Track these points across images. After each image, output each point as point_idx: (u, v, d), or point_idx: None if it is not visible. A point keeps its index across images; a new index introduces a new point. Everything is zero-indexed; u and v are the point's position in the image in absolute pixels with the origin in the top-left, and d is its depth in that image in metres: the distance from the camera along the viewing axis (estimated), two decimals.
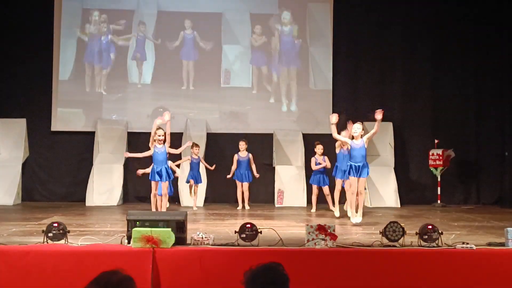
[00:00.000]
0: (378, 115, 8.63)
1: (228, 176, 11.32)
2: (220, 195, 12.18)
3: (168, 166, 9.00)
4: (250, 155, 11.41)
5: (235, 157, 11.43)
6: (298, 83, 12.79)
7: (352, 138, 8.97)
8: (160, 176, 8.79)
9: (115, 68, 12.68)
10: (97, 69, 12.60)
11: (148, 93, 12.69)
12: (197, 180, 11.13)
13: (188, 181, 11.09)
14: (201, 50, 12.77)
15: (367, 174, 8.79)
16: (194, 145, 11.20)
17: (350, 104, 12.77)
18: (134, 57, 12.71)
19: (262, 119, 12.65)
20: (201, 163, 11.25)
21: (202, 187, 11.61)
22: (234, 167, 11.35)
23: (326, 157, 10.79)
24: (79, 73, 12.59)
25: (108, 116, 12.56)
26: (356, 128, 8.88)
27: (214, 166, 11.35)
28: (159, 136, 8.83)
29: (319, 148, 10.84)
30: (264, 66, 12.83)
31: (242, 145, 11.44)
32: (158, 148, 8.83)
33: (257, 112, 12.72)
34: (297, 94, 12.76)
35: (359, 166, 8.65)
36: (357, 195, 8.75)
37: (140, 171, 9.85)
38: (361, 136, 8.87)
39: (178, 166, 10.89)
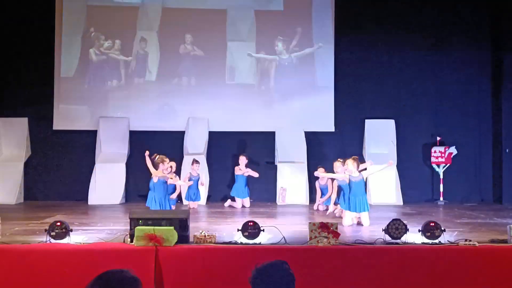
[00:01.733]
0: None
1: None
2: (222, 193, 12.17)
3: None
4: (249, 171, 11.46)
5: (238, 171, 11.47)
6: (302, 80, 12.78)
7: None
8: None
9: (121, 66, 12.66)
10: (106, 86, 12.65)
11: (153, 90, 12.66)
12: (195, 198, 11.06)
13: (187, 198, 11.05)
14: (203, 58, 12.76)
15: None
16: (194, 161, 11.14)
17: (351, 102, 12.76)
18: (136, 74, 12.67)
19: (264, 117, 12.64)
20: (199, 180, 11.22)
21: (205, 186, 11.59)
22: (240, 172, 11.36)
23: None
24: (84, 70, 12.58)
25: (114, 113, 12.56)
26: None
27: (203, 184, 11.34)
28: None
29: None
30: (269, 63, 12.81)
31: (242, 160, 11.44)
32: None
33: (260, 110, 12.71)
34: (300, 91, 12.74)
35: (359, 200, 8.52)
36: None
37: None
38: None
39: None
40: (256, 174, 11.48)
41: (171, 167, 9.69)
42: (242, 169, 11.41)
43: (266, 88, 12.79)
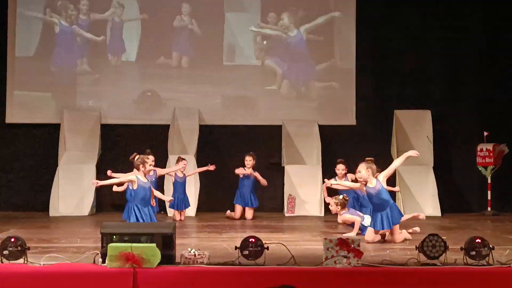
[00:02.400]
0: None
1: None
2: (216, 202, 12.17)
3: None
4: (257, 174, 11.40)
5: (240, 170, 11.39)
6: (316, 61, 12.75)
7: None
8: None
9: (92, 42, 12.65)
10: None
11: (132, 73, 12.67)
12: (181, 206, 10.94)
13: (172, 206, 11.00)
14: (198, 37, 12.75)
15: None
16: (180, 159, 11.03)
17: (378, 88, 12.74)
18: (110, 50, 12.68)
19: (269, 107, 12.63)
20: (188, 179, 11.17)
21: (194, 194, 11.60)
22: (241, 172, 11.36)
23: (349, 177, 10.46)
24: (47, 48, 12.58)
25: (82, 102, 12.55)
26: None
27: (212, 166, 11.35)
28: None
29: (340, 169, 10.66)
30: (276, 39, 12.79)
31: (249, 160, 11.38)
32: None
33: (264, 98, 12.70)
34: (313, 75, 12.73)
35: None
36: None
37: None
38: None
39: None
40: (264, 182, 11.46)
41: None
42: (247, 171, 11.36)
43: (272, 71, 12.77)
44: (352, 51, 12.69)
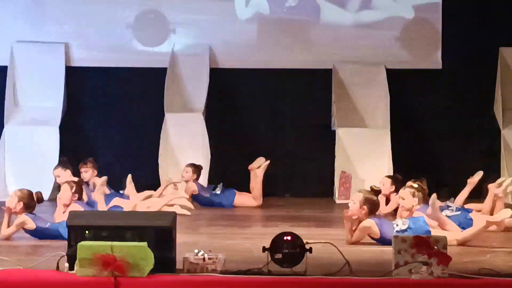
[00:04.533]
0: None
1: None
2: (233, 181, 12.22)
3: None
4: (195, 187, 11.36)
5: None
6: None
7: None
8: None
9: None
10: None
11: None
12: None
13: None
14: None
15: None
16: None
17: (473, 16, 12.68)
18: None
19: (314, 42, 12.64)
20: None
21: (204, 168, 11.66)
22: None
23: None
24: None
25: (41, 35, 12.65)
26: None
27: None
28: None
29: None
30: None
31: (186, 172, 11.33)
32: None
33: (305, 30, 12.72)
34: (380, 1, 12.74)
35: None
36: None
37: None
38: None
39: None
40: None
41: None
42: (187, 193, 11.23)
43: None
44: None
